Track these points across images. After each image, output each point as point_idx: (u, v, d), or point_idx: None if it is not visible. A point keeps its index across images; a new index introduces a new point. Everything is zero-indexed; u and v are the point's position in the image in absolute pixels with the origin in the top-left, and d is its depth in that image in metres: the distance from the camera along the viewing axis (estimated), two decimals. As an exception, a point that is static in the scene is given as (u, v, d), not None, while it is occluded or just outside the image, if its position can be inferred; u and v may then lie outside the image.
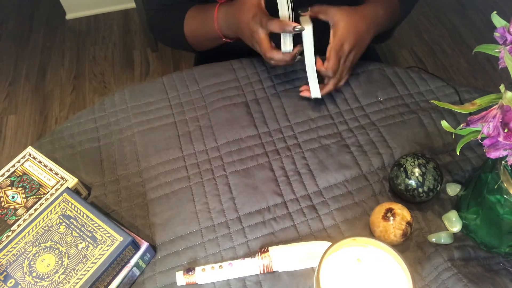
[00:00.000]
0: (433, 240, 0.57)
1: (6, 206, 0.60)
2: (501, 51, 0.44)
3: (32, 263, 0.53)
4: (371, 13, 0.68)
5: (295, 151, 0.67)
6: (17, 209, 0.60)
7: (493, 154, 0.43)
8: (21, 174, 0.63)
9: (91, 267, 0.52)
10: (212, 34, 0.75)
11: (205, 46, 0.82)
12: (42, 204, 0.60)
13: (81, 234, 0.55)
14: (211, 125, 0.71)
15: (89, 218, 0.56)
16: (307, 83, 0.70)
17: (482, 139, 0.44)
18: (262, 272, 0.55)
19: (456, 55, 1.79)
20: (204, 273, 0.55)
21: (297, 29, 0.61)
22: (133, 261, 0.55)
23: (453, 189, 0.62)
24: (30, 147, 0.67)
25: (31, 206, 0.60)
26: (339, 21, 0.64)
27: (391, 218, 0.54)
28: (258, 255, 0.55)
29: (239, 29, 0.68)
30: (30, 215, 0.59)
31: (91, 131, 0.72)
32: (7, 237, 0.58)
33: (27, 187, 0.62)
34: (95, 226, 0.55)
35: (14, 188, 0.62)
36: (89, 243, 0.54)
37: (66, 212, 0.57)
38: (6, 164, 0.65)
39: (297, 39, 0.65)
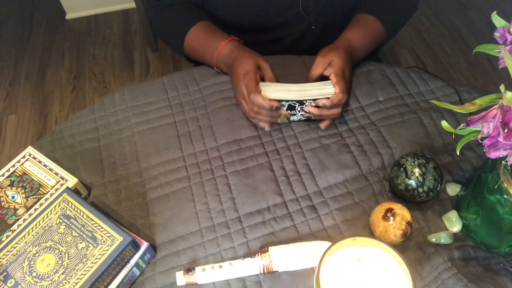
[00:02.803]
0: (433, 240, 0.57)
1: (6, 206, 0.60)
2: (501, 51, 0.44)
3: (32, 263, 0.53)
4: (347, 45, 0.71)
5: (295, 151, 0.67)
6: (17, 209, 0.60)
7: (493, 154, 0.43)
8: (21, 174, 0.63)
9: (91, 267, 0.52)
10: (208, 60, 0.77)
11: (197, 60, 0.82)
12: (42, 204, 0.60)
13: (81, 234, 0.55)
14: (211, 125, 0.71)
15: (89, 218, 0.56)
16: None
17: (482, 139, 0.43)
18: (262, 272, 0.55)
19: (456, 55, 1.79)
20: (204, 273, 0.55)
21: (271, 108, 0.65)
22: (133, 261, 0.55)
23: (453, 189, 0.62)
24: (30, 147, 0.67)
25: (31, 206, 0.60)
26: (334, 60, 0.67)
27: (391, 218, 0.54)
28: (258, 255, 0.55)
29: (231, 73, 0.71)
30: (30, 215, 0.59)
31: (91, 131, 0.72)
32: (7, 237, 0.58)
33: (27, 187, 0.62)
34: (95, 226, 0.55)
35: (14, 188, 0.62)
36: (89, 243, 0.54)
37: (66, 212, 0.57)
38: (6, 164, 0.65)
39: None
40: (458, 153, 0.48)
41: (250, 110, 0.67)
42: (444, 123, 0.50)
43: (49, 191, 0.61)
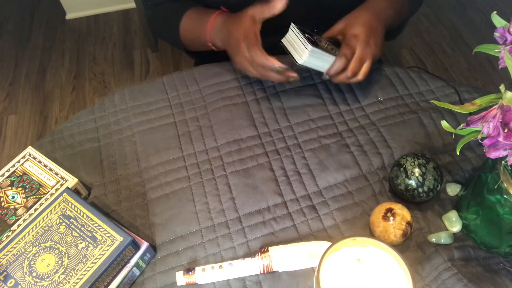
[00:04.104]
0: (433, 240, 0.57)
1: (6, 206, 0.60)
2: (501, 51, 0.44)
3: (32, 263, 0.53)
4: (378, 7, 0.69)
5: (295, 151, 0.67)
6: (17, 209, 0.60)
7: (493, 154, 0.43)
8: (21, 174, 0.63)
9: (91, 267, 0.52)
10: (202, 38, 0.75)
11: (194, 47, 0.82)
12: (42, 204, 0.60)
13: (81, 234, 0.55)
14: (211, 125, 0.71)
15: (89, 218, 0.56)
16: (306, 84, 0.70)
17: (482, 139, 0.43)
18: (262, 272, 0.55)
19: (456, 55, 1.79)
20: (204, 273, 0.55)
21: (279, 68, 0.62)
22: (133, 261, 0.55)
23: (453, 189, 0.62)
24: (30, 147, 0.67)
25: (31, 206, 0.60)
26: (355, 26, 0.64)
27: (391, 218, 0.54)
28: (258, 255, 0.55)
29: (228, 42, 0.69)
30: (30, 215, 0.59)
31: (91, 131, 0.72)
32: (7, 237, 0.58)
33: (27, 187, 0.62)
34: (95, 226, 0.55)
35: (14, 188, 0.62)
36: (89, 243, 0.54)
37: (66, 212, 0.57)
38: (6, 164, 0.65)
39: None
40: (458, 153, 0.48)
41: (257, 73, 0.65)
42: (444, 123, 0.50)
43: (49, 191, 0.61)
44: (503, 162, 0.48)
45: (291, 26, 0.64)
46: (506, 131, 0.41)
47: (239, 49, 0.65)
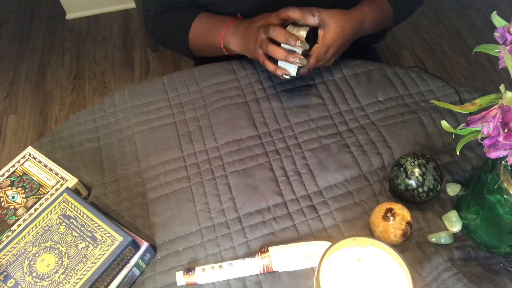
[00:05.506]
0: (433, 240, 0.57)
1: (6, 206, 0.60)
2: (501, 51, 0.44)
3: (32, 263, 0.53)
4: (360, 19, 0.70)
5: (295, 151, 0.67)
6: (17, 209, 0.60)
7: (493, 154, 0.43)
8: (21, 174, 0.63)
9: (91, 267, 0.52)
10: (215, 43, 0.77)
11: (204, 53, 0.83)
12: (42, 204, 0.60)
13: (81, 234, 0.55)
14: (211, 125, 0.71)
15: (89, 218, 0.56)
16: (306, 85, 0.70)
17: (482, 139, 0.43)
18: (262, 272, 0.55)
19: (456, 55, 1.79)
20: (204, 273, 0.55)
21: (300, 45, 0.62)
22: (133, 261, 0.55)
23: (453, 189, 0.62)
24: (30, 147, 0.67)
25: (31, 206, 0.60)
26: (329, 25, 0.65)
27: (391, 218, 0.54)
28: (258, 255, 0.55)
29: (245, 37, 0.71)
30: (30, 215, 0.59)
31: (91, 131, 0.72)
32: (7, 237, 0.58)
33: (27, 187, 0.62)
34: (95, 226, 0.55)
35: (14, 188, 0.62)
36: (89, 243, 0.54)
37: (66, 212, 0.57)
38: (6, 164, 0.65)
39: None
40: (458, 153, 0.48)
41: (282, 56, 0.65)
42: (444, 123, 0.50)
43: (49, 191, 0.61)
44: (503, 162, 0.48)
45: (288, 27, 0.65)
46: (506, 131, 0.41)
47: (259, 58, 0.68)
